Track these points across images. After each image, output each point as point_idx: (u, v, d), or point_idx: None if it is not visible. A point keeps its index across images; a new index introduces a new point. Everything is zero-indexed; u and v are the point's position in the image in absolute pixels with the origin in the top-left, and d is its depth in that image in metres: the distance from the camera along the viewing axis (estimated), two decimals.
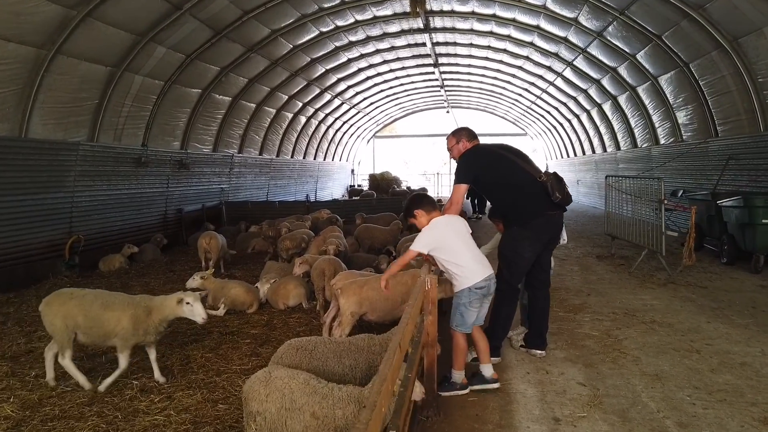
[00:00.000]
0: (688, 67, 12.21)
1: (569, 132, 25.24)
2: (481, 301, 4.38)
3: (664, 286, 7.97)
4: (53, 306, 5.09)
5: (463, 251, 4.34)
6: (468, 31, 17.97)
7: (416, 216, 4.55)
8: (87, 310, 5.00)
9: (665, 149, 15.17)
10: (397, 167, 38.28)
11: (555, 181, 4.84)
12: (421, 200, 4.64)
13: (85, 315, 4.99)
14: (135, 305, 5.07)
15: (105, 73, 10.92)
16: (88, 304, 5.04)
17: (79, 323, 5.01)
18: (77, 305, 5.03)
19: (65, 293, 5.22)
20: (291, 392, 3.30)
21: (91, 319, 4.99)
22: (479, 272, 4.32)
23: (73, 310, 5.01)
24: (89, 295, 5.17)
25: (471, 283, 4.28)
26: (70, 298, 5.11)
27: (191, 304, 5.09)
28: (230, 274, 10.56)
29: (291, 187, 23.89)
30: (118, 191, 12.44)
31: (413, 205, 4.60)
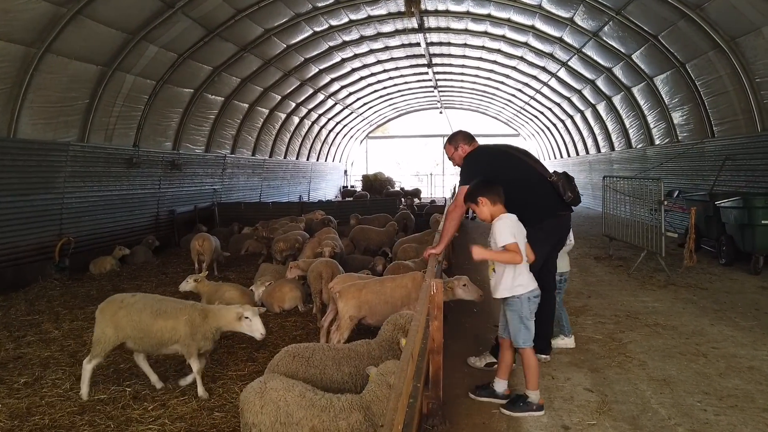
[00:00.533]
0: (685, 68, 12.17)
1: (563, 132, 25.23)
2: (535, 310, 4.11)
3: (664, 287, 7.89)
4: (106, 314, 4.92)
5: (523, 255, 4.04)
6: (462, 31, 17.88)
7: (479, 204, 4.18)
8: (137, 321, 4.80)
9: (660, 150, 15.15)
10: (390, 168, 38.18)
11: (565, 181, 4.70)
12: (490, 188, 4.20)
13: (135, 326, 4.80)
14: (189, 310, 4.86)
15: (95, 72, 10.72)
16: (137, 314, 4.82)
17: (129, 334, 4.83)
18: (126, 315, 4.83)
19: (116, 300, 5.01)
20: (287, 405, 3.16)
21: (140, 330, 4.80)
22: (532, 279, 4.09)
23: (122, 320, 4.83)
24: (139, 303, 4.92)
25: (527, 290, 4.02)
26: (121, 306, 4.90)
27: (250, 318, 4.78)
28: (224, 276, 10.41)
29: (284, 188, 23.71)
30: (109, 192, 12.24)
31: (480, 191, 4.21)
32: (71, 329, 7.03)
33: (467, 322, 6.13)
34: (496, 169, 4.78)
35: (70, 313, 7.88)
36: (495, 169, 4.77)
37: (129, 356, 5.87)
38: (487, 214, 4.16)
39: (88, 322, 7.28)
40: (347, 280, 6.05)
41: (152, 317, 4.80)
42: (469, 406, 4.17)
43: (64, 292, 9.28)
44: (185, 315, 4.79)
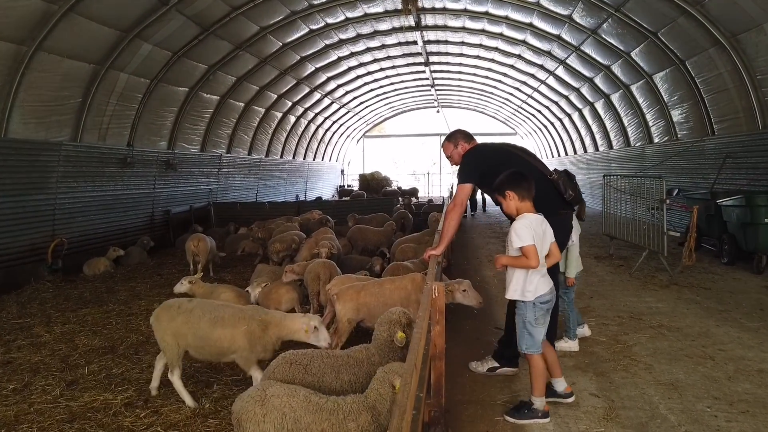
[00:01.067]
0: (684, 65, 12.07)
1: (560, 131, 25.14)
2: (547, 315, 3.96)
3: (666, 287, 7.78)
4: (162, 321, 4.69)
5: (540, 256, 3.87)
6: (460, 29, 17.75)
7: (507, 197, 3.98)
8: (195, 328, 4.56)
9: (659, 148, 15.05)
10: (387, 167, 38.05)
11: (566, 179, 4.56)
12: (519, 182, 3.97)
13: (194, 333, 4.56)
14: (248, 319, 4.57)
15: (88, 70, 10.55)
16: (196, 321, 4.58)
17: (189, 342, 4.60)
18: (185, 322, 4.59)
19: (173, 306, 4.77)
20: (293, 411, 3.03)
21: (200, 338, 4.56)
22: (544, 281, 3.91)
23: (181, 327, 4.59)
24: (197, 309, 4.67)
25: (534, 296, 3.86)
26: (178, 312, 4.66)
27: (318, 328, 4.54)
28: (220, 277, 10.27)
29: (281, 187, 23.55)
30: (103, 193, 12.07)
31: (509, 184, 3.99)
32: (63, 333, 6.87)
33: (468, 325, 6.00)
34: (496, 167, 4.59)
35: (62, 315, 7.71)
36: (494, 167, 4.61)
37: (121, 361, 5.74)
38: (513, 209, 3.97)
39: (80, 326, 7.16)
40: (345, 282, 5.92)
41: (211, 325, 4.54)
42: (472, 413, 4.04)
43: (56, 294, 9.12)
44: (244, 325, 4.52)
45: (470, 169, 4.76)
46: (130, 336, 6.63)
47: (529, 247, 3.75)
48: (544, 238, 3.90)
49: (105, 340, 6.51)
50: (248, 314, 4.62)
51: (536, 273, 3.85)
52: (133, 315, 7.64)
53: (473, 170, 4.73)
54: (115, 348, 6.21)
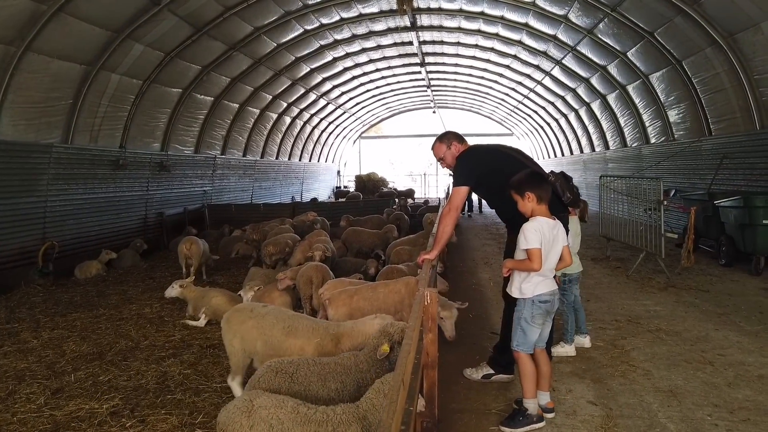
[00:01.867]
0: (681, 65, 11.99)
1: (556, 131, 25.08)
2: (545, 317, 3.89)
3: (664, 290, 7.69)
4: (232, 323, 4.55)
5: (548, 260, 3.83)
6: (455, 29, 17.66)
7: (525, 198, 3.87)
8: (267, 335, 4.40)
9: (656, 148, 14.98)
10: (384, 168, 37.97)
11: (563, 181, 4.45)
12: (540, 184, 3.89)
13: (265, 341, 4.39)
14: (322, 332, 4.40)
15: (79, 71, 10.42)
16: (269, 328, 4.43)
17: (258, 350, 4.42)
18: (256, 326, 4.45)
19: (245, 309, 4.65)
20: (280, 423, 2.91)
21: (270, 346, 4.39)
22: (546, 283, 3.85)
23: (252, 331, 4.44)
24: (270, 315, 4.54)
25: (534, 293, 3.83)
26: (250, 316, 4.53)
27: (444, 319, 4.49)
28: (213, 280, 10.15)
29: (276, 188, 23.43)
30: (95, 195, 11.94)
31: (528, 185, 3.88)
32: (51, 339, 6.73)
33: (462, 330, 5.88)
34: (492, 168, 4.54)
35: (51, 320, 7.58)
36: (491, 168, 4.54)
37: (109, 368, 5.62)
38: (529, 210, 3.88)
39: (69, 331, 7.03)
40: (338, 286, 5.80)
41: (283, 334, 4.38)
42: (466, 422, 3.93)
43: (46, 299, 8.98)
44: (317, 338, 4.35)
45: (467, 171, 4.60)
46: (119, 342, 6.50)
47: (534, 250, 3.72)
48: (554, 243, 3.84)
49: (93, 346, 6.39)
50: (322, 328, 4.46)
51: (537, 274, 3.81)
52: (123, 320, 7.52)
53: (470, 172, 4.58)
54: (103, 354, 6.08)
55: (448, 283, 8.55)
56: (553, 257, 3.85)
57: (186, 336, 6.72)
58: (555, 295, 3.92)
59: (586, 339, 5.35)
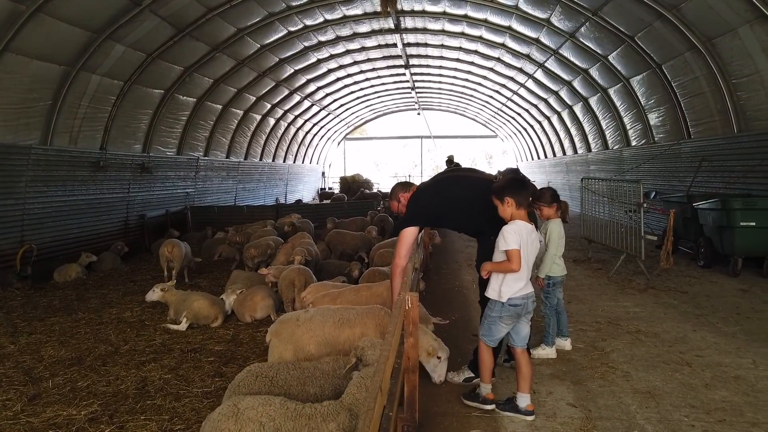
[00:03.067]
0: (661, 69, 12.16)
1: (540, 134, 25.27)
2: (515, 319, 4.01)
3: (644, 291, 7.77)
4: (282, 336, 4.46)
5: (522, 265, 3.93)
6: (439, 31, 17.73)
7: (505, 203, 3.96)
8: (320, 336, 4.39)
9: (637, 151, 15.16)
10: (369, 169, 38.00)
11: None
12: (519, 191, 3.97)
13: (319, 342, 4.37)
14: (375, 314, 4.47)
15: (58, 72, 10.28)
16: (319, 328, 4.42)
17: (312, 352, 4.35)
18: (307, 332, 4.41)
19: (291, 320, 4.57)
20: (272, 420, 2.91)
21: (327, 344, 4.36)
22: (521, 289, 3.95)
23: (303, 337, 4.40)
24: (317, 316, 4.52)
25: (506, 296, 3.95)
26: (297, 325, 4.47)
27: (441, 359, 4.41)
28: (195, 283, 10.06)
29: (260, 190, 23.31)
30: (75, 197, 11.78)
31: (509, 191, 3.96)
32: (28, 343, 6.62)
33: (444, 331, 5.89)
34: (442, 194, 4.61)
35: (29, 325, 7.46)
36: (441, 195, 4.61)
37: (88, 373, 5.54)
38: (508, 215, 3.99)
39: (47, 336, 6.92)
40: (320, 290, 5.79)
41: (337, 327, 4.41)
42: (447, 426, 3.94)
43: (24, 303, 8.84)
44: (375, 320, 4.41)
45: (412, 212, 4.56)
46: (99, 347, 6.42)
47: (513, 251, 3.84)
48: (530, 247, 3.97)
49: (72, 351, 6.30)
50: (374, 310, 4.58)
51: (512, 277, 3.93)
52: (103, 324, 7.42)
53: (419, 209, 4.56)
54: (82, 359, 6.00)
55: (431, 285, 8.58)
56: (528, 261, 3.97)
57: (167, 340, 6.65)
58: (529, 298, 4.01)
59: (567, 342, 5.39)
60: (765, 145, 9.59)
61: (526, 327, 4.09)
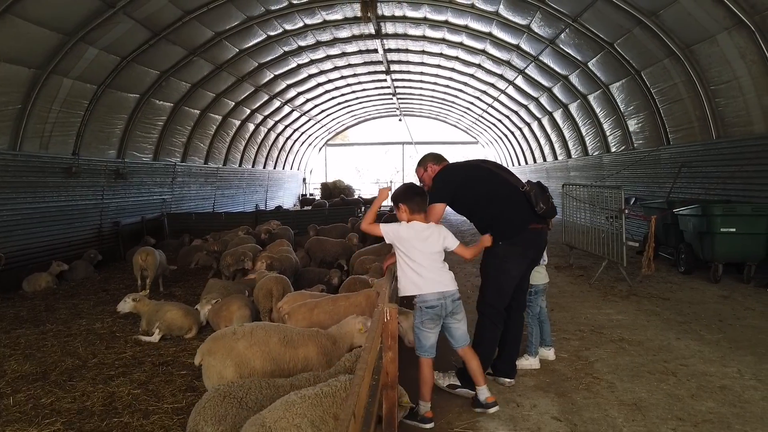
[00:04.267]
0: (640, 75, 12.21)
1: (520, 140, 25.36)
2: (436, 321, 4.03)
3: (626, 298, 7.71)
4: (219, 353, 4.05)
5: (420, 259, 4.03)
6: (420, 37, 17.67)
7: (399, 209, 4.19)
8: (264, 350, 4.04)
9: (616, 157, 15.23)
10: (350, 175, 37.78)
11: (538, 190, 4.50)
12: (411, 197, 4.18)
13: (263, 356, 4.03)
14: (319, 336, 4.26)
15: (28, 75, 9.95)
16: (262, 341, 4.07)
17: (257, 368, 4.03)
18: (250, 346, 4.06)
19: (226, 335, 4.17)
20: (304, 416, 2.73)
21: (270, 360, 4.04)
22: (429, 287, 4.01)
23: (245, 352, 4.02)
24: (258, 330, 4.18)
25: (420, 298, 4.04)
26: (236, 339, 4.10)
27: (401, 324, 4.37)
28: (170, 292, 9.79)
29: (239, 197, 22.98)
30: (46, 204, 11.40)
31: (402, 197, 4.19)
32: None
33: None
34: (466, 185, 4.63)
35: None
36: (465, 185, 4.63)
37: (52, 389, 5.28)
38: (406, 220, 4.17)
39: (12, 349, 6.62)
40: (298, 299, 5.60)
41: (282, 345, 4.10)
42: None
43: None
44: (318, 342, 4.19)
45: (441, 186, 4.64)
46: (66, 360, 6.14)
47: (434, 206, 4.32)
48: (425, 243, 4.07)
49: (37, 365, 6.01)
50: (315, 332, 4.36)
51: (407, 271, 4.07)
52: (72, 336, 7.13)
53: (445, 188, 4.63)
54: (47, 374, 5.72)
55: None
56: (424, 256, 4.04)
57: (138, 353, 6.39)
58: (447, 297, 4.03)
59: (551, 351, 5.26)
60: (743, 151, 9.66)
61: (459, 327, 4.13)
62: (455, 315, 4.09)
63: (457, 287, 4.14)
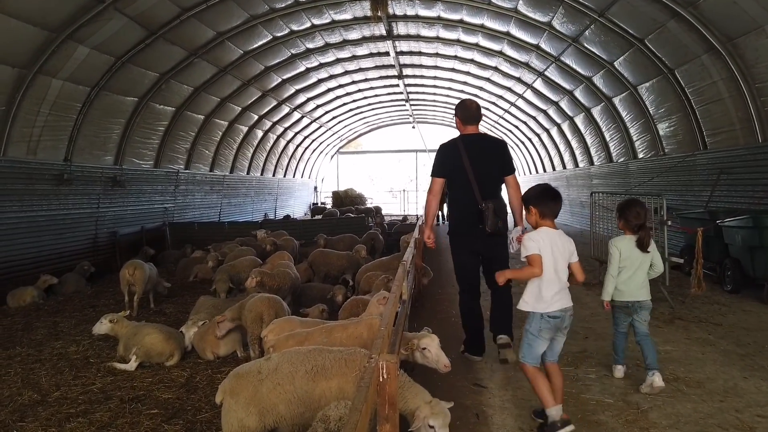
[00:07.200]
0: (673, 74, 11.22)
1: (538, 147, 24.36)
2: (551, 332, 3.92)
3: (671, 323, 6.71)
4: (242, 396, 3.39)
5: (550, 271, 3.88)
6: (434, 39, 16.83)
7: (530, 212, 4.12)
8: (289, 391, 3.35)
9: (645, 164, 14.20)
10: (363, 184, 37.01)
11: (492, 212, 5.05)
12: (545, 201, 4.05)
13: (289, 399, 3.36)
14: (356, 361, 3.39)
15: (11, 75, 9.27)
16: (287, 380, 3.36)
17: (282, 414, 3.37)
18: (274, 387, 3.36)
19: (251, 374, 3.50)
20: None
21: (297, 402, 3.35)
22: (559, 301, 3.89)
23: (269, 396, 3.36)
24: (284, 365, 3.45)
25: (545, 310, 3.88)
26: (260, 379, 3.42)
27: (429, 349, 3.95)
28: (160, 310, 9.04)
29: (247, 205, 22.25)
30: (33, 213, 10.71)
31: (534, 200, 4.08)
32: None
33: (438, 379, 4.83)
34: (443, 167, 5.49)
35: None
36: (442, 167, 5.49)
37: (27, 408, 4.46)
38: (534, 223, 4.11)
39: None
40: (285, 328, 4.73)
41: (310, 379, 3.38)
42: None
43: None
44: (355, 370, 3.34)
45: (434, 163, 5.57)
46: (24, 394, 5.34)
47: (533, 256, 3.88)
48: (556, 252, 3.92)
49: None
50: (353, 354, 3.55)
51: (551, 287, 3.86)
52: (41, 362, 6.36)
53: (434, 164, 5.55)
54: None
55: (423, 315, 7.53)
56: (555, 266, 3.89)
57: (108, 384, 5.57)
58: (567, 311, 3.93)
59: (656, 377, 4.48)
60: None
61: (560, 342, 4.03)
62: (565, 330, 4.03)
63: None
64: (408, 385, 3.33)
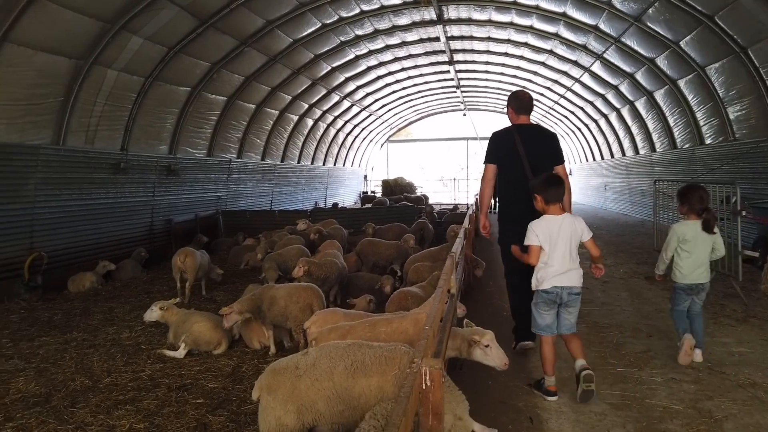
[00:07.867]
0: (746, 53, 10.41)
1: (595, 133, 23.41)
2: (550, 306, 4.32)
3: (744, 321, 6.21)
4: (279, 393, 3.27)
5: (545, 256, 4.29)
6: (486, 22, 16.30)
7: (536, 199, 4.43)
8: (328, 388, 3.23)
9: (712, 150, 13.33)
10: (413, 172, 36.74)
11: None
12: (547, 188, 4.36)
13: (328, 396, 3.22)
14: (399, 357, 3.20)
15: (69, 66, 9.49)
16: (326, 376, 3.25)
17: (322, 411, 3.24)
18: (313, 383, 3.25)
19: (288, 369, 3.35)
20: None
21: (337, 399, 3.20)
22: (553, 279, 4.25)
23: (308, 393, 3.24)
24: (322, 359, 3.33)
25: (541, 287, 4.32)
26: (298, 375, 3.29)
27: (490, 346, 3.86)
28: (211, 297, 9.11)
29: (298, 194, 22.40)
30: (92, 201, 11.01)
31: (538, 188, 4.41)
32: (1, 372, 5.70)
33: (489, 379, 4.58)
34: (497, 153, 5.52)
35: (14, 346, 6.59)
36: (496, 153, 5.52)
37: (46, 418, 4.51)
38: (540, 209, 4.41)
39: (27, 362, 6.00)
40: (328, 320, 4.58)
41: (349, 375, 3.22)
42: None
43: (25, 317, 8.05)
44: (395, 368, 3.14)
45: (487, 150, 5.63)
46: (76, 379, 5.41)
47: (531, 247, 4.33)
48: (558, 237, 4.24)
49: (44, 384, 5.31)
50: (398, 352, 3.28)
51: (547, 270, 4.27)
52: (94, 347, 6.48)
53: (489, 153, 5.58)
54: (50, 397, 5.00)
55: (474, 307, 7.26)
56: (554, 250, 4.24)
57: (156, 372, 5.60)
58: (564, 289, 4.24)
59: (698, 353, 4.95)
60: None
61: (568, 317, 4.32)
62: (567, 307, 4.30)
63: None
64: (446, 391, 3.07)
